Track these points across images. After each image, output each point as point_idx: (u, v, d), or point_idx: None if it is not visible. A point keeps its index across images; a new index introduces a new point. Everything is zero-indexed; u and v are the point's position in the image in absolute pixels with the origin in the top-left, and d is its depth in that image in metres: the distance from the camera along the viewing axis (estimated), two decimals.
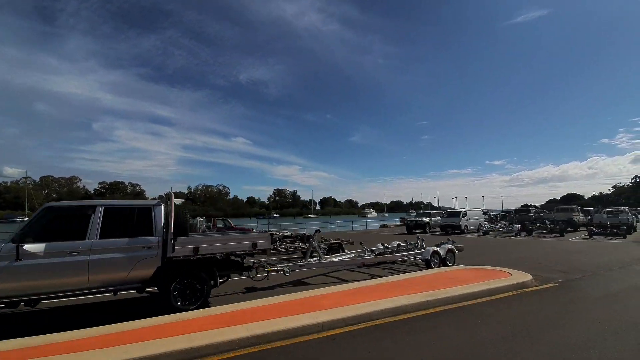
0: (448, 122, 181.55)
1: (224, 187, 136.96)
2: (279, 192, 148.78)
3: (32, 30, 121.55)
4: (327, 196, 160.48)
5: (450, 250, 9.50)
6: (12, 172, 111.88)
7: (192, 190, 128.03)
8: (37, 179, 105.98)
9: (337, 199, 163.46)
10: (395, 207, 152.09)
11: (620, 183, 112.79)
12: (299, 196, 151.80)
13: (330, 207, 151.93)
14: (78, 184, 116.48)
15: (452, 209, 36.74)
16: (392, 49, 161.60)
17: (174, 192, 5.96)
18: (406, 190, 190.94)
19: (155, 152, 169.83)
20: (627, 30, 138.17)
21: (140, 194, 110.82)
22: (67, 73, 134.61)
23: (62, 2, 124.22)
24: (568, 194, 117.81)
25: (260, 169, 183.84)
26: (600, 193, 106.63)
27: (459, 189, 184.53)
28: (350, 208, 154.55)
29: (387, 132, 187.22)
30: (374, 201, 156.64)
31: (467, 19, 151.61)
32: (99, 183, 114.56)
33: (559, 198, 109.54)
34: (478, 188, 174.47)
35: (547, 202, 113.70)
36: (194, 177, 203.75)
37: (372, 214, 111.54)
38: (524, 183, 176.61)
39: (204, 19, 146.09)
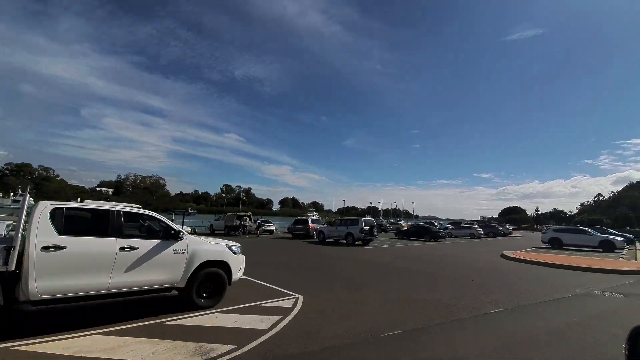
0: (439, 133, 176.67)
1: (160, 178, 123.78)
2: (228, 189, 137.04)
3: (22, 7, 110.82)
4: (317, 199, 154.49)
5: None
6: None
7: (122, 179, 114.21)
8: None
9: (326, 202, 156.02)
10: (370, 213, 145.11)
11: (587, 201, 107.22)
12: (253, 194, 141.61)
13: (288, 207, 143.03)
14: None
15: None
16: (390, 56, 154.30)
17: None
18: (394, 197, 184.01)
19: (145, 143, 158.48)
20: (614, 57, 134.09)
21: (48, 179, 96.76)
22: (56, 55, 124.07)
23: None
24: (509, 207, 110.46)
25: (251, 166, 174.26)
26: (554, 209, 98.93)
27: (446, 199, 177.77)
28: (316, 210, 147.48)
29: (379, 138, 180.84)
30: (357, 206, 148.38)
31: (464, 33, 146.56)
32: (5, 164, 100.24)
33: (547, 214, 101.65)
34: (465, 199, 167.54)
35: (499, 214, 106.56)
36: (183, 171, 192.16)
37: (315, 216, 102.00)
38: (509, 197, 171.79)
39: (202, 11, 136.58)
